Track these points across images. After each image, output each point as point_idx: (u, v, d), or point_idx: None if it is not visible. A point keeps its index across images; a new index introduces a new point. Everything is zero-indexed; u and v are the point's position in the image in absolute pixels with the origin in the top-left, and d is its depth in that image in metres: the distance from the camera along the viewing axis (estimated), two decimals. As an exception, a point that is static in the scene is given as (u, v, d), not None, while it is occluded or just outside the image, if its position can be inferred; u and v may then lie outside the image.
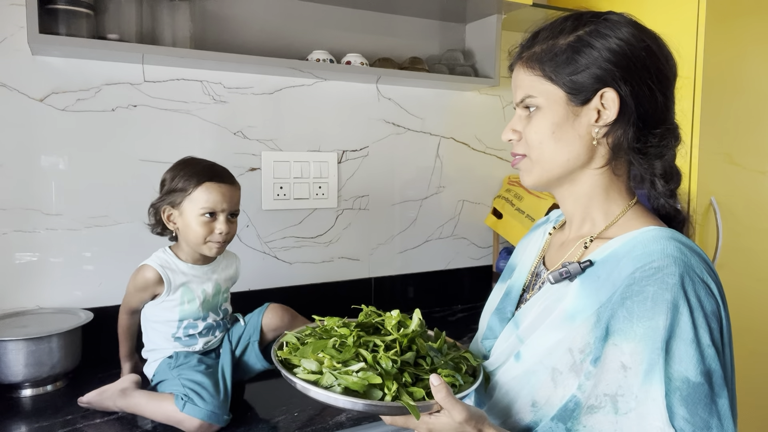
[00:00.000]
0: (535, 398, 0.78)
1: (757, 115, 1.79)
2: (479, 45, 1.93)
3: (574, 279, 0.78)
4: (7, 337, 1.23)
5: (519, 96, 0.83)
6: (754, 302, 1.82)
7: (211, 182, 1.22)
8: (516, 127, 0.84)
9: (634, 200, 0.84)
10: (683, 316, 0.68)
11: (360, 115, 1.84)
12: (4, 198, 1.40)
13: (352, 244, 1.86)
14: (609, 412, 0.71)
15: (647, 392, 0.68)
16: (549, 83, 0.79)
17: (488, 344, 0.91)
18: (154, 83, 1.54)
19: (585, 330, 0.74)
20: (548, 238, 0.95)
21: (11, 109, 1.39)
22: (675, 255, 0.71)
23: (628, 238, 0.76)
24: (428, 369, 0.81)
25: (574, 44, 0.78)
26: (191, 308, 1.26)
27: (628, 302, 0.71)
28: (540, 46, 0.81)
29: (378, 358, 0.78)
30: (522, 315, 0.85)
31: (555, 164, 0.81)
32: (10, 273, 1.42)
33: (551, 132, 0.80)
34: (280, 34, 1.70)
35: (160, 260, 1.25)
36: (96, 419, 1.16)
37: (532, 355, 0.79)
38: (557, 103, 0.79)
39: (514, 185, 2.03)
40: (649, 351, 0.68)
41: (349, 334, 0.83)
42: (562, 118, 0.79)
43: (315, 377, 0.78)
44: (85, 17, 1.35)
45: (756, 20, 1.74)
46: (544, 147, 0.81)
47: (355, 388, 0.75)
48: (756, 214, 1.82)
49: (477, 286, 2.10)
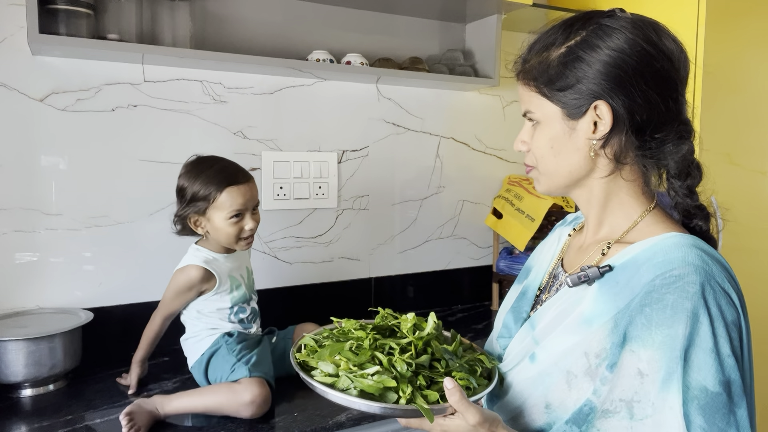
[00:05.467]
0: (549, 400, 0.78)
1: (757, 115, 1.78)
2: (479, 45, 1.93)
3: (593, 283, 0.78)
4: (7, 337, 1.23)
5: (522, 109, 0.85)
6: (754, 302, 1.82)
7: (230, 186, 1.25)
8: (524, 138, 0.86)
9: (653, 204, 0.83)
10: (703, 325, 0.68)
11: (360, 115, 1.84)
12: (4, 198, 1.40)
13: (352, 244, 1.86)
14: (624, 417, 0.71)
15: (664, 400, 0.68)
16: (544, 99, 0.80)
17: (503, 343, 0.92)
18: (154, 83, 1.54)
19: (602, 335, 0.74)
20: (567, 240, 0.95)
21: (11, 109, 1.39)
22: (696, 263, 0.70)
23: (648, 245, 0.76)
24: (443, 372, 0.81)
25: (564, 59, 0.78)
26: (240, 293, 1.32)
27: (647, 309, 0.70)
28: (534, 60, 0.81)
29: (393, 361, 0.78)
30: (539, 316, 0.84)
31: (559, 175, 0.83)
32: (10, 273, 1.42)
33: (550, 147, 0.81)
34: (280, 34, 1.70)
35: (202, 258, 1.28)
36: (96, 419, 1.16)
37: (548, 357, 0.79)
38: (553, 119, 0.80)
39: (514, 185, 2.03)
40: (667, 359, 0.68)
41: (366, 336, 0.84)
42: (559, 133, 0.80)
43: (332, 380, 0.79)
44: (85, 17, 1.35)
45: (756, 20, 1.74)
46: (546, 160, 0.83)
47: (370, 391, 0.75)
48: (756, 214, 1.82)
49: (477, 286, 2.10)
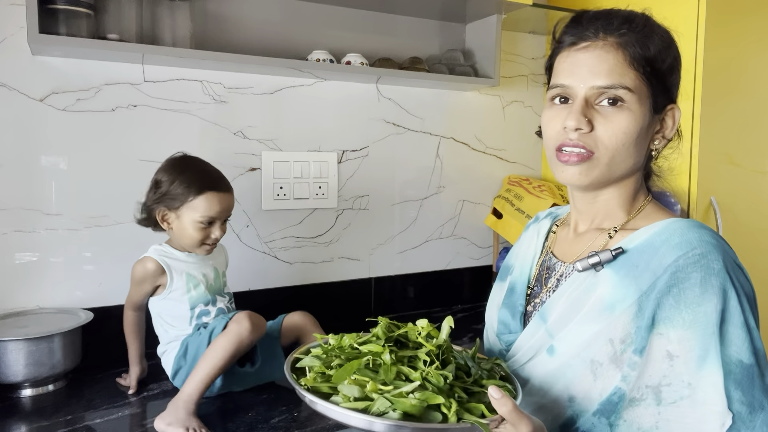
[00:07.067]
0: (572, 393, 0.76)
1: (757, 115, 1.78)
2: (479, 45, 1.93)
3: (602, 267, 0.77)
4: (7, 337, 1.23)
5: (606, 81, 0.73)
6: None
7: (211, 192, 1.25)
8: (588, 115, 0.74)
9: (650, 195, 0.85)
10: (732, 300, 0.69)
11: (360, 115, 1.84)
12: (4, 198, 1.40)
13: (352, 244, 1.86)
14: (650, 405, 0.70)
15: (704, 377, 0.68)
16: (644, 83, 0.75)
17: (507, 339, 0.89)
18: (154, 83, 1.54)
19: (626, 319, 0.73)
20: (553, 235, 0.94)
21: (11, 109, 1.39)
22: (713, 242, 0.72)
23: (659, 228, 0.76)
24: (471, 381, 0.74)
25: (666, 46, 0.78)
26: (198, 293, 1.29)
27: (674, 289, 0.70)
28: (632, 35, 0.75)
29: (425, 374, 0.69)
30: (548, 308, 0.82)
31: (621, 168, 0.78)
32: (10, 273, 1.42)
33: (636, 135, 0.75)
34: (280, 34, 1.70)
35: (157, 252, 1.28)
36: (96, 419, 1.16)
37: (569, 349, 0.77)
38: (645, 107, 0.76)
39: (514, 185, 2.03)
40: (700, 336, 0.68)
41: (383, 351, 0.72)
42: (646, 123, 0.76)
43: (364, 404, 0.66)
44: (85, 17, 1.35)
45: (756, 20, 1.74)
46: (622, 149, 0.75)
47: (413, 412, 0.65)
48: (756, 214, 1.82)
49: (477, 286, 2.10)
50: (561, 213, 0.99)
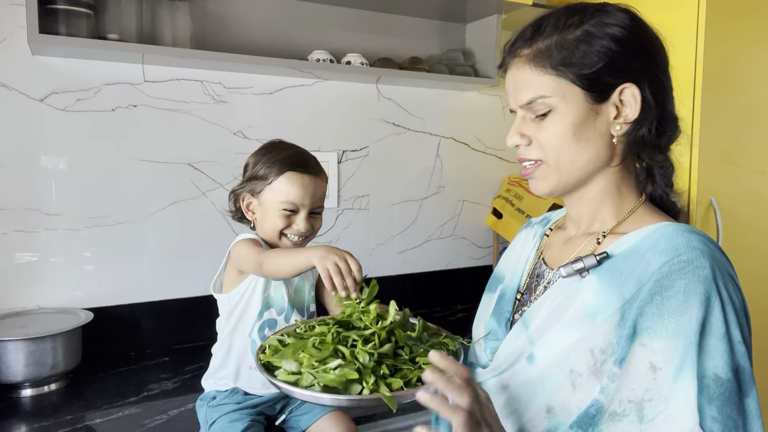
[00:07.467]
0: (551, 403, 0.73)
1: (757, 114, 1.78)
2: (479, 45, 1.93)
3: (588, 273, 0.74)
4: (7, 337, 1.23)
5: (525, 97, 0.76)
6: (754, 302, 1.81)
7: (293, 172, 1.09)
8: (523, 130, 0.77)
9: (643, 197, 0.81)
10: (715, 309, 0.65)
11: (360, 115, 1.84)
12: (4, 198, 1.40)
13: (352, 244, 1.86)
14: (633, 422, 0.66)
15: (677, 390, 0.64)
16: (564, 81, 0.74)
17: (493, 345, 0.87)
18: (154, 83, 1.54)
19: (608, 328, 0.69)
20: (545, 240, 0.92)
21: (11, 109, 1.39)
22: (701, 248, 0.68)
23: (646, 233, 0.73)
24: (407, 359, 0.81)
25: (585, 38, 0.74)
26: (276, 296, 1.11)
27: (657, 297, 0.67)
28: (545, 41, 0.75)
29: (356, 352, 0.79)
30: (531, 315, 0.79)
31: (575, 167, 0.76)
32: (10, 273, 1.42)
33: (572, 134, 0.74)
34: (280, 34, 1.70)
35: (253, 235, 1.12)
36: (96, 419, 1.16)
37: (547, 357, 0.74)
38: (575, 102, 0.74)
39: (514, 185, 2.03)
40: (681, 347, 0.64)
41: (328, 331, 0.84)
42: (582, 117, 0.74)
43: (296, 377, 0.78)
44: (85, 17, 1.35)
45: (756, 20, 1.74)
46: (564, 150, 0.75)
47: (333, 385, 0.75)
48: (756, 214, 1.82)
49: (477, 286, 2.09)
50: (556, 217, 0.96)
